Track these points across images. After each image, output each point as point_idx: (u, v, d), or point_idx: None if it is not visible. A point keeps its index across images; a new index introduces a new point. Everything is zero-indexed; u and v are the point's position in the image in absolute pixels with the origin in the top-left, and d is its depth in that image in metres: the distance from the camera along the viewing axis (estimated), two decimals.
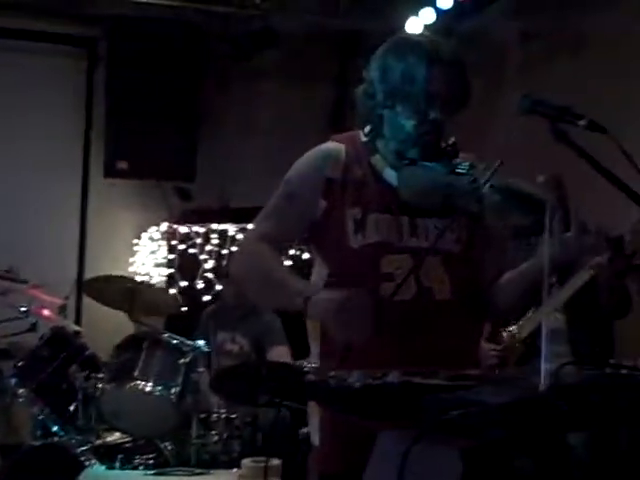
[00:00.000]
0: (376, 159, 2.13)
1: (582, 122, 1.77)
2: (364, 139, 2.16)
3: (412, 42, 2.10)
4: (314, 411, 2.12)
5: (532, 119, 1.86)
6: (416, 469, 1.51)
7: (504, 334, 3.84)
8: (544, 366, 1.44)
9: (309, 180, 2.12)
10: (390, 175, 2.10)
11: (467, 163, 2.02)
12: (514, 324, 3.80)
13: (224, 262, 5.83)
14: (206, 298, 5.84)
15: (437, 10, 5.63)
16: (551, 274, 1.98)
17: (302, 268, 4.20)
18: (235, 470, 3.78)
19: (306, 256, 5.10)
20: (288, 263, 5.08)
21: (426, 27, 5.68)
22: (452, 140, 2.10)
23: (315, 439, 2.13)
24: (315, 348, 2.15)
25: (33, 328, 4.69)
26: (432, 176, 2.01)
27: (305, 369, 1.77)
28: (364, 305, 1.89)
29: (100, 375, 4.20)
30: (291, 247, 5.31)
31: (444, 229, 2.04)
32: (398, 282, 1.97)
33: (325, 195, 2.09)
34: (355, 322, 1.87)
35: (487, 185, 1.92)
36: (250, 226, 2.23)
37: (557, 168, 3.66)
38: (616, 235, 3.33)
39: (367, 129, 2.15)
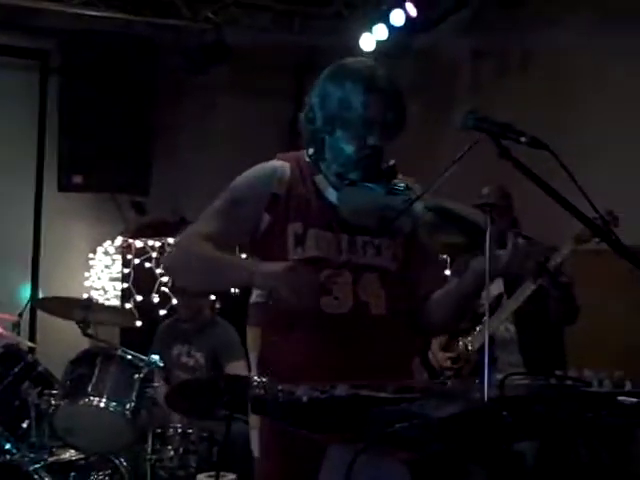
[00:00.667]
0: (319, 179, 2.21)
1: (524, 139, 1.81)
2: (307, 160, 2.23)
3: (350, 69, 2.17)
4: (254, 424, 2.16)
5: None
6: None
7: (459, 344, 3.90)
8: (487, 377, 1.48)
9: (255, 190, 2.18)
10: (331, 194, 2.18)
11: (403, 184, 2.12)
12: (467, 335, 3.87)
13: None
14: (162, 312, 5.82)
15: (390, 27, 5.70)
16: (481, 288, 2.05)
17: None
18: None
19: None
20: None
21: (379, 43, 5.76)
22: (392, 162, 2.18)
23: (255, 451, 2.17)
24: (254, 357, 2.22)
25: None
26: (370, 196, 2.10)
27: (253, 383, 1.80)
28: (310, 274, 2.01)
29: (54, 391, 4.14)
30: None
31: (378, 245, 2.12)
32: (336, 295, 2.05)
33: (269, 209, 2.16)
34: (303, 287, 1.98)
35: (421, 205, 2.01)
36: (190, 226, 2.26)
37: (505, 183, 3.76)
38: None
39: (310, 151, 2.22)
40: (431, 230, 2.02)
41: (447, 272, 3.72)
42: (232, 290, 4.91)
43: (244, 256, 2.49)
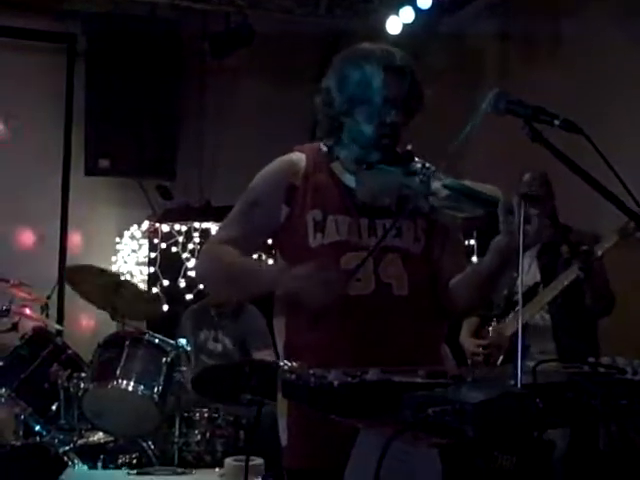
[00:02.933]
0: (335, 166, 2.23)
1: (557, 122, 1.79)
2: (324, 149, 2.26)
3: (366, 51, 2.20)
4: (282, 412, 2.17)
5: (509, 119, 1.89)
6: (397, 467, 1.53)
7: (490, 330, 3.88)
8: (519, 364, 1.47)
9: (272, 187, 2.21)
10: (349, 179, 2.20)
11: (420, 165, 2.12)
12: (498, 321, 3.84)
13: None
14: (189, 297, 5.84)
15: (416, 9, 5.66)
16: (505, 267, 2.05)
17: None
18: (218, 469, 3.79)
19: None
20: None
21: (406, 26, 5.72)
22: (409, 147, 2.19)
23: (283, 439, 2.18)
24: (281, 345, 2.24)
25: (14, 327, 4.68)
26: (388, 178, 2.12)
27: (284, 368, 1.80)
28: (329, 273, 2.02)
29: (82, 374, 4.19)
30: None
31: (399, 227, 2.14)
32: (358, 277, 2.05)
33: (287, 201, 2.19)
34: (322, 286, 1.99)
35: (440, 184, 2.02)
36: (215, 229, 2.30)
37: (537, 167, 3.71)
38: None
39: (326, 138, 2.25)
40: (449, 207, 2.03)
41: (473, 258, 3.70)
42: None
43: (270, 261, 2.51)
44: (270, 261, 4.30)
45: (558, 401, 1.47)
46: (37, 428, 4.22)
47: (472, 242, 5.45)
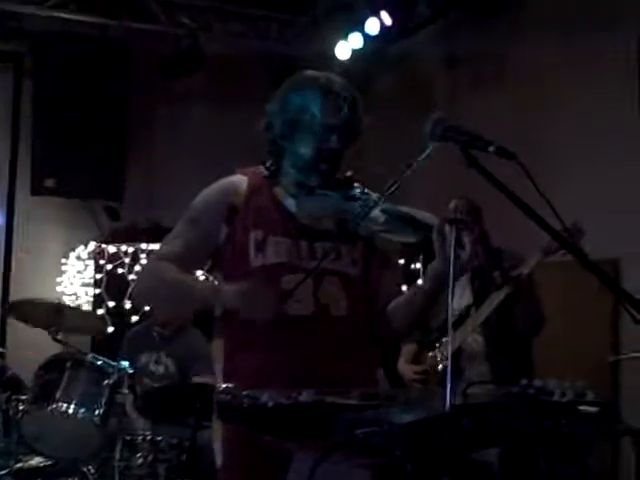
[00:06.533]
0: (277, 190, 2.27)
1: (491, 148, 1.82)
2: (265, 172, 2.29)
3: (308, 77, 2.26)
4: (217, 434, 2.18)
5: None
6: None
7: (427, 355, 3.92)
8: (449, 384, 1.49)
9: (212, 206, 2.24)
10: (290, 203, 2.24)
11: (359, 190, 2.17)
12: (436, 346, 3.88)
13: None
14: (134, 318, 5.79)
15: (365, 35, 5.73)
16: (439, 291, 2.11)
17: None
18: None
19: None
20: None
21: (355, 51, 5.79)
22: (349, 173, 2.24)
23: (219, 461, 2.18)
24: (219, 367, 2.27)
25: None
26: (328, 202, 2.16)
27: (218, 389, 1.80)
28: (268, 290, 2.07)
29: (22, 397, 4.11)
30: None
31: (338, 250, 2.18)
32: (298, 298, 2.09)
33: (228, 220, 2.21)
34: (261, 302, 2.04)
35: (377, 210, 2.06)
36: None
37: (473, 192, 3.78)
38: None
39: (269, 162, 2.29)
40: (386, 231, 2.07)
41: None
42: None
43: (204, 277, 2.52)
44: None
45: (486, 422, 1.50)
46: None
47: (418, 265, 5.52)
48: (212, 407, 3.21)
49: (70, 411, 3.92)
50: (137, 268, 5.94)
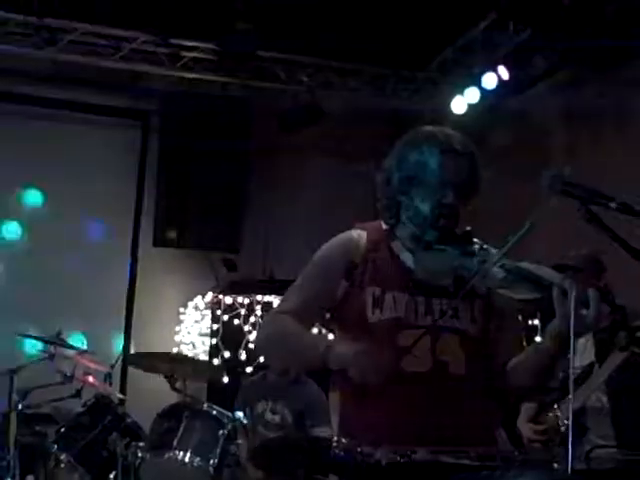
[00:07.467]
0: (395, 244, 2.27)
1: (613, 204, 1.78)
2: (384, 227, 2.30)
3: (426, 133, 2.26)
4: None
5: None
6: None
7: (548, 414, 3.78)
8: (570, 448, 1.44)
9: (332, 262, 2.26)
10: (407, 258, 2.23)
11: (478, 246, 2.13)
12: (558, 406, 3.75)
13: None
14: (249, 369, 5.86)
15: (482, 90, 5.72)
16: (561, 350, 2.02)
17: None
18: None
19: None
20: None
21: (471, 106, 5.78)
22: (468, 228, 2.21)
23: None
24: (335, 418, 2.23)
25: (77, 394, 4.73)
26: (445, 258, 2.13)
27: (333, 444, 1.80)
28: (379, 356, 2.03)
29: (140, 444, 4.20)
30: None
31: (455, 307, 2.14)
32: (415, 354, 2.06)
33: (347, 276, 2.22)
34: (374, 365, 2.00)
35: (497, 266, 2.02)
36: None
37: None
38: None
39: (387, 217, 2.29)
40: (506, 288, 2.02)
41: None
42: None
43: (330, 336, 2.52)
44: (330, 336, 4.31)
45: None
46: None
47: (536, 322, 5.37)
48: (326, 461, 3.21)
49: (186, 460, 3.98)
50: (252, 319, 6.04)
